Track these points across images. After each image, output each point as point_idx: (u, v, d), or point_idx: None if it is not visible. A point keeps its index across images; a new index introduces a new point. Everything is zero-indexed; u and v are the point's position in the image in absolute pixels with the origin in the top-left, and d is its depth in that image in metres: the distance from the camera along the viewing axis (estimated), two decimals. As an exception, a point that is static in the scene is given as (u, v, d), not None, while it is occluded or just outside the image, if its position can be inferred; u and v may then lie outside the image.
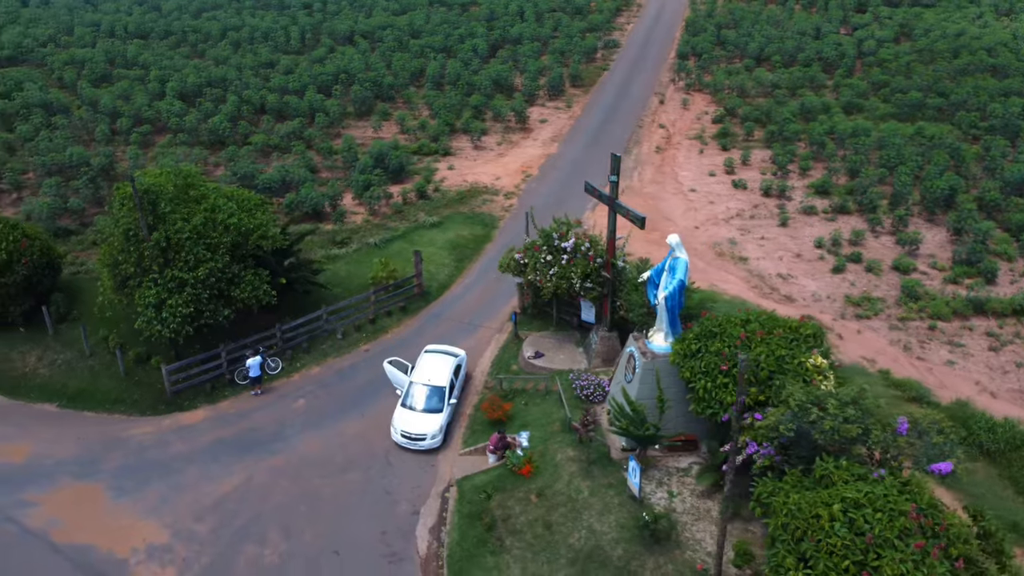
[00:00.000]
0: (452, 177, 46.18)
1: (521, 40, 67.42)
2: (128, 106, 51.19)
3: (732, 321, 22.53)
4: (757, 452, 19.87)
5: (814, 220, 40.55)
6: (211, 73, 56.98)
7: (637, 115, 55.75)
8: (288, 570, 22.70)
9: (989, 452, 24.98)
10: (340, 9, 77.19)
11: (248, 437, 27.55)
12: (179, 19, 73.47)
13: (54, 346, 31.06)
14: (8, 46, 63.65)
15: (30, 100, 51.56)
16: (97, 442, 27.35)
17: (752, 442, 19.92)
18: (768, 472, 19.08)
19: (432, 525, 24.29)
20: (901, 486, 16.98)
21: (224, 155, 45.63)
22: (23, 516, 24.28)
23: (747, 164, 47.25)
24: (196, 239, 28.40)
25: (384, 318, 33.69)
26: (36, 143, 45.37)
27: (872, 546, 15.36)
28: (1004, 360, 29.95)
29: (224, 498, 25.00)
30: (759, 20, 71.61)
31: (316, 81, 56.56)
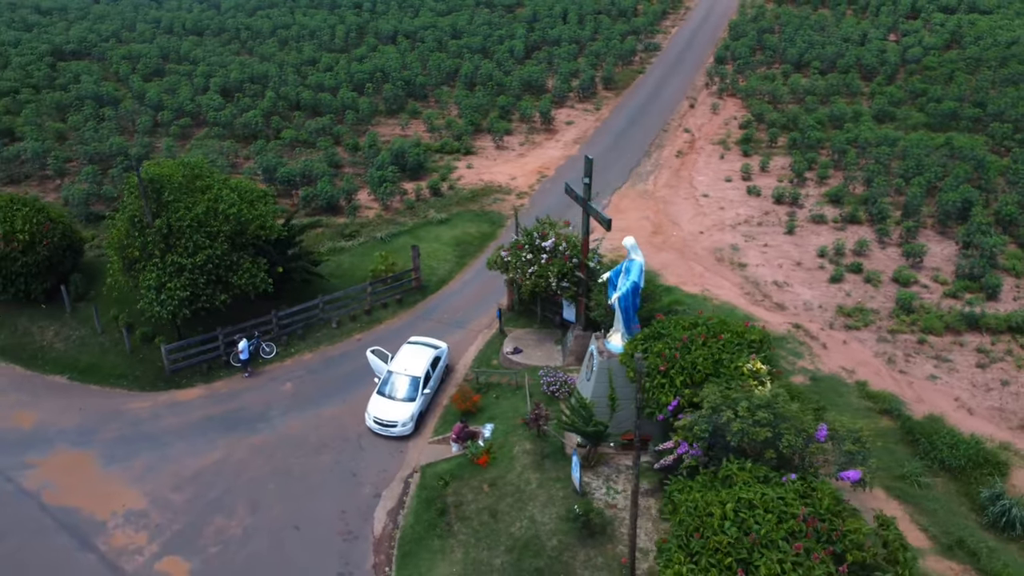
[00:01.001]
0: (469, 176, 47.23)
1: (559, 42, 68.02)
2: (172, 99, 53.87)
3: (679, 324, 22.94)
4: (687, 452, 20.35)
5: (822, 229, 40.17)
6: (254, 69, 59.39)
7: (665, 119, 55.81)
8: (250, 541, 24.13)
9: (950, 468, 24.76)
10: (388, 9, 79.04)
11: (234, 416, 29.16)
12: (234, 17, 76.41)
13: (70, 323, 33.31)
14: (74, 40, 67.49)
15: (83, 92, 54.75)
16: (97, 413, 29.35)
17: (684, 442, 20.40)
18: (696, 472, 19.53)
19: (391, 508, 25.41)
20: (805, 490, 17.24)
21: (254, 148, 47.66)
22: (21, 477, 26.36)
23: (766, 171, 46.94)
24: (197, 227, 30.15)
25: (380, 310, 34.96)
26: (81, 133, 48.31)
27: (756, 546, 15.75)
28: (990, 377, 29.39)
29: (203, 471, 26.62)
30: (804, 25, 70.52)
31: (352, 79, 58.34)
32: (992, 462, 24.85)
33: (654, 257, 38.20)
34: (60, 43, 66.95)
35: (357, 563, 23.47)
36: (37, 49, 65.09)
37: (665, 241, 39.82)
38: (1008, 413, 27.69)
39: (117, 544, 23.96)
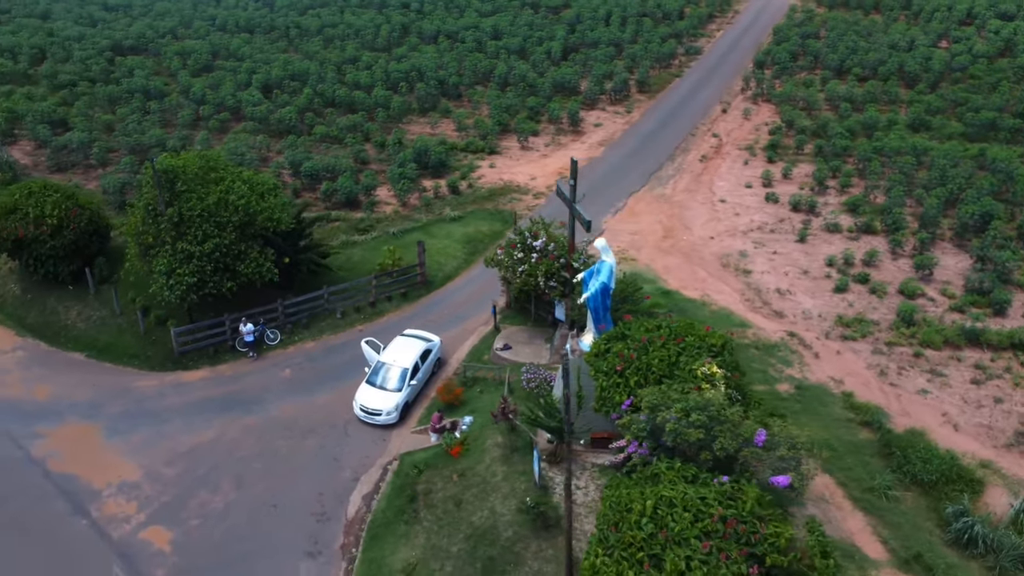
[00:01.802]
0: (490, 175, 48.03)
1: (598, 44, 68.28)
2: (214, 95, 56.08)
3: (643, 326, 23.28)
4: (636, 452, 20.75)
5: (835, 238, 39.69)
6: (295, 67, 61.33)
7: (695, 123, 55.67)
8: (230, 516, 25.40)
9: (922, 483, 24.50)
10: (435, 9, 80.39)
11: (233, 398, 30.56)
12: (286, 16, 78.80)
13: (93, 304, 35.28)
14: (132, 36, 70.70)
15: (133, 86, 57.46)
16: (107, 389, 31.09)
17: (635, 441, 20.80)
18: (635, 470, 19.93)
19: (367, 493, 26.38)
20: (733, 492, 17.49)
21: (285, 143, 49.37)
22: (30, 445, 28.19)
23: (788, 178, 46.50)
24: (207, 217, 31.66)
25: (384, 303, 36.03)
26: (125, 124, 50.78)
27: (669, 542, 16.13)
28: (983, 394, 28.81)
29: (195, 448, 28.05)
30: (849, 31, 69.22)
31: (389, 78, 59.76)
32: (965, 479, 24.52)
33: (659, 260, 38.43)
34: (120, 38, 70.18)
35: (326, 543, 24.50)
36: (98, 44, 68.39)
37: (674, 245, 39.92)
38: (996, 431, 27.15)
39: (108, 512, 25.50)
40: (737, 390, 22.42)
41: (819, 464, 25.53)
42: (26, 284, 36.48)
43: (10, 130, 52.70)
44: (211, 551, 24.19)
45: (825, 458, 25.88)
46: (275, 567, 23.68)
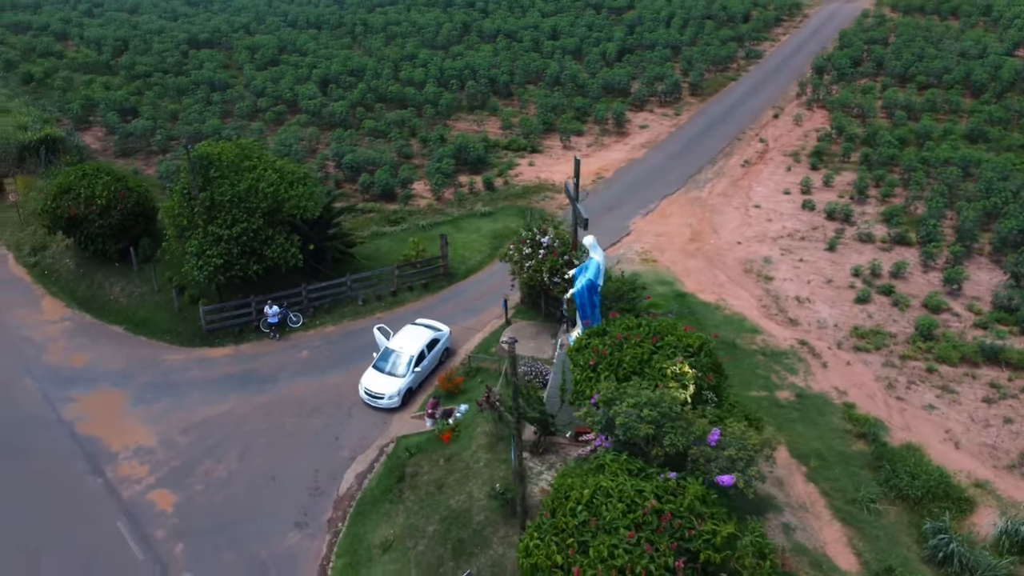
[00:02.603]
0: (528, 173, 48.70)
1: (655, 46, 68.06)
2: (275, 88, 58.48)
3: (623, 323, 23.59)
4: (600, 444, 21.17)
5: (867, 248, 38.85)
6: (354, 62, 63.32)
7: (743, 127, 55.07)
8: (230, 485, 26.87)
9: (907, 497, 24.07)
10: (499, 8, 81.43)
11: (250, 375, 32.16)
12: (354, 13, 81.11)
13: (135, 281, 37.53)
14: (208, 31, 74.19)
15: (200, 78, 60.45)
16: (139, 361, 33.13)
17: (602, 435, 21.21)
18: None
19: (360, 472, 27.48)
20: (676, 488, 17.75)
21: (332, 136, 51.17)
22: (62, 407, 30.35)
23: (830, 185, 45.64)
24: (237, 202, 33.39)
25: (405, 292, 37.17)
26: (187, 114, 53.53)
27: (599, 530, 16.56)
28: (993, 413, 27.95)
29: (208, 420, 29.69)
30: (918, 37, 67.00)
31: (443, 75, 61.06)
32: (953, 497, 23.99)
33: (681, 263, 38.42)
34: (196, 32, 73.75)
35: (315, 516, 25.69)
36: (176, 37, 72.10)
37: (699, 248, 39.80)
38: (1000, 451, 26.36)
39: (122, 473, 27.32)
40: (714, 391, 22.52)
41: (803, 474, 25.48)
42: (79, 260, 39.05)
43: (85, 116, 56.26)
44: (209, 515, 25.68)
45: (813, 467, 25.75)
46: (265, 534, 24.98)
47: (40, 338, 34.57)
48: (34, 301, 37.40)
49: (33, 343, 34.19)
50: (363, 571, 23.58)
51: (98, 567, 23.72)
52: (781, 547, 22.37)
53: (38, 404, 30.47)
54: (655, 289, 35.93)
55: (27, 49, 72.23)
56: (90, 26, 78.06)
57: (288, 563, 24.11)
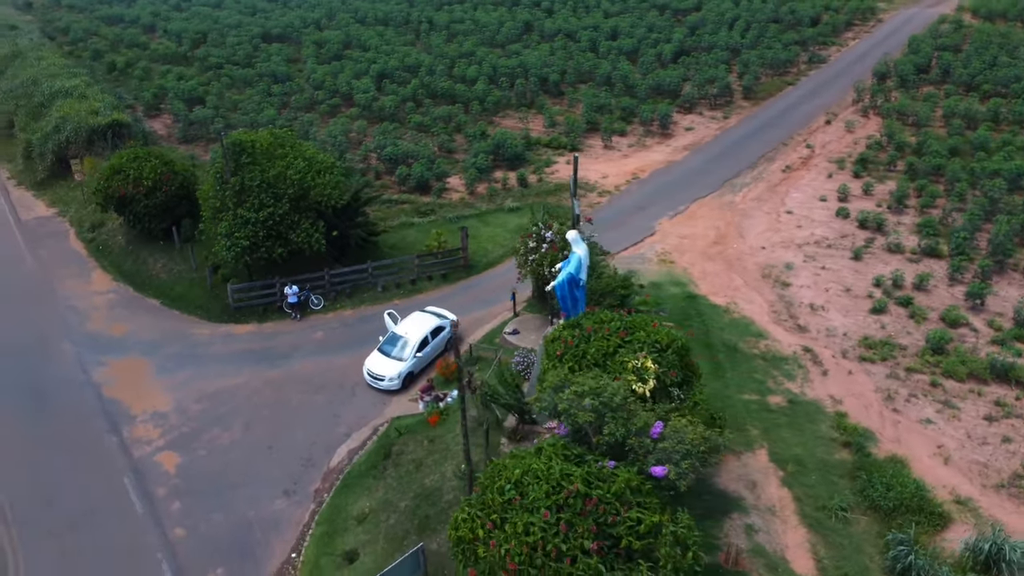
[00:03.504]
0: (564, 171, 49.14)
1: (713, 48, 67.45)
2: (332, 81, 60.73)
3: (596, 317, 24.05)
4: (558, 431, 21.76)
5: (894, 258, 37.92)
6: (413, 59, 65.06)
7: (791, 133, 54.21)
8: (231, 452, 28.59)
9: (880, 508, 23.75)
10: (564, 7, 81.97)
11: (266, 352, 33.92)
12: (422, 11, 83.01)
13: (176, 258, 39.96)
14: (281, 26, 77.43)
15: (264, 70, 63.30)
16: (169, 333, 35.37)
17: (561, 423, 21.81)
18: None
19: (353, 448, 28.79)
20: (606, 475, 18.23)
21: (379, 129, 52.88)
22: (94, 371, 32.76)
23: (870, 194, 44.57)
24: (265, 188, 35.23)
25: (424, 281, 38.37)
26: (247, 104, 56.22)
27: (519, 508, 17.24)
28: (993, 431, 27.13)
29: (221, 391, 31.55)
30: (992, 44, 64.32)
31: (496, 73, 62.13)
32: (927, 511, 23.49)
33: (699, 265, 38.39)
34: (270, 27, 77.09)
35: (304, 485, 27.11)
36: (250, 32, 75.52)
37: (721, 252, 39.63)
38: (991, 470, 25.62)
39: (136, 434, 29.39)
40: (680, 388, 22.78)
41: (778, 478, 25.43)
42: (128, 237, 41.79)
43: (156, 104, 59.77)
44: (207, 478, 27.41)
45: (790, 472, 25.64)
46: (255, 499, 26.53)
47: (85, 307, 37.27)
48: (86, 273, 40.28)
49: (78, 311, 36.89)
50: (337, 539, 24.82)
51: (99, 517, 25.69)
52: (737, 547, 22.55)
53: (73, 367, 32.96)
54: (667, 290, 36.11)
55: (116, 40, 77.00)
56: (175, 20, 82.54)
57: (272, 527, 25.58)
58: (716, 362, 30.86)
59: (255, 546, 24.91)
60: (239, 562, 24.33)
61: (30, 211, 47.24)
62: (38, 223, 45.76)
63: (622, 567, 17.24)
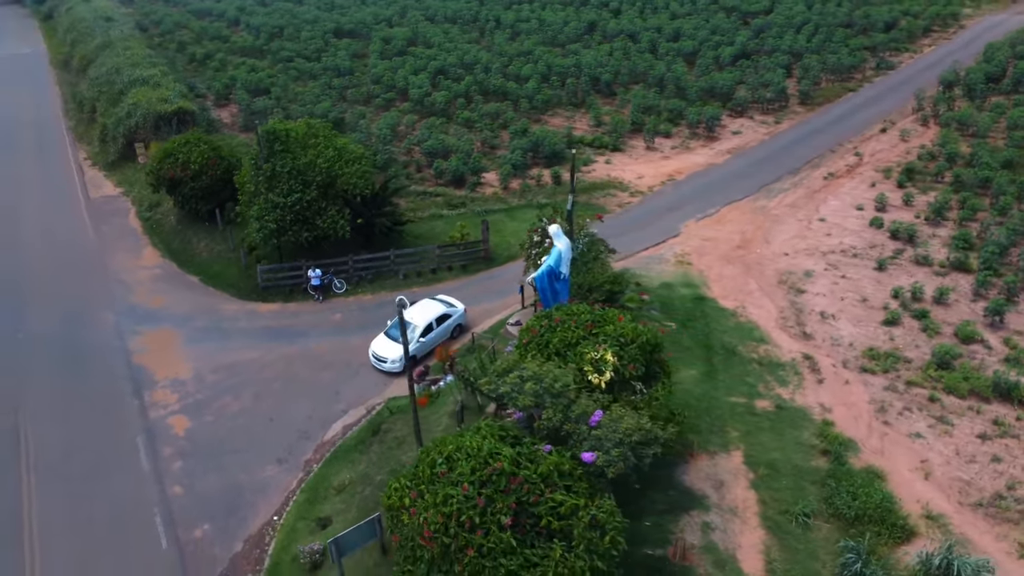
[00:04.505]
0: (601, 170, 49.68)
1: (775, 52, 66.35)
2: (391, 77, 62.74)
3: (568, 310, 24.69)
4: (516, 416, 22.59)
5: (921, 271, 36.91)
6: (471, 56, 66.48)
7: (842, 140, 53.05)
8: (236, 420, 30.47)
9: (843, 517, 23.59)
10: (631, 8, 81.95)
11: (285, 330, 35.81)
12: (491, 9, 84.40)
13: (217, 239, 42.44)
14: (353, 22, 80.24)
15: (328, 64, 65.92)
16: (201, 308, 37.71)
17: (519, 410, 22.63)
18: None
19: (348, 424, 30.26)
20: (536, 456, 18.95)
21: (427, 123, 54.43)
22: (128, 339, 35.33)
23: (910, 204, 43.35)
24: (296, 175, 37.15)
25: (445, 271, 39.61)
26: (303, 95, 58.79)
27: (446, 481, 18.19)
28: (984, 450, 26.35)
29: (237, 363, 33.55)
30: (1074, 53, 61.08)
31: (551, 72, 62.91)
32: (890, 523, 23.16)
33: (716, 268, 38.34)
34: (343, 23, 79.96)
35: (296, 455, 28.71)
36: (324, 27, 78.58)
37: (741, 256, 39.40)
38: (973, 488, 24.96)
39: (155, 398, 31.65)
40: (643, 382, 23.25)
41: (748, 480, 25.50)
42: (179, 217, 44.60)
43: (226, 94, 63.01)
44: (210, 443, 29.35)
45: (760, 475, 25.65)
46: (249, 465, 28.28)
47: (131, 280, 40.10)
48: (138, 249, 43.26)
49: (124, 284, 39.73)
50: (316, 506, 26.28)
51: (109, 470, 27.91)
52: (686, 541, 22.85)
53: (110, 334, 35.63)
54: (678, 291, 36.25)
55: (201, 33, 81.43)
56: (258, 14, 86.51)
57: (260, 491, 27.25)
58: (710, 364, 30.92)
59: (242, 507, 26.62)
60: (224, 520, 26.07)
61: (99, 190, 50.84)
62: (104, 201, 49.23)
63: (542, 545, 17.96)
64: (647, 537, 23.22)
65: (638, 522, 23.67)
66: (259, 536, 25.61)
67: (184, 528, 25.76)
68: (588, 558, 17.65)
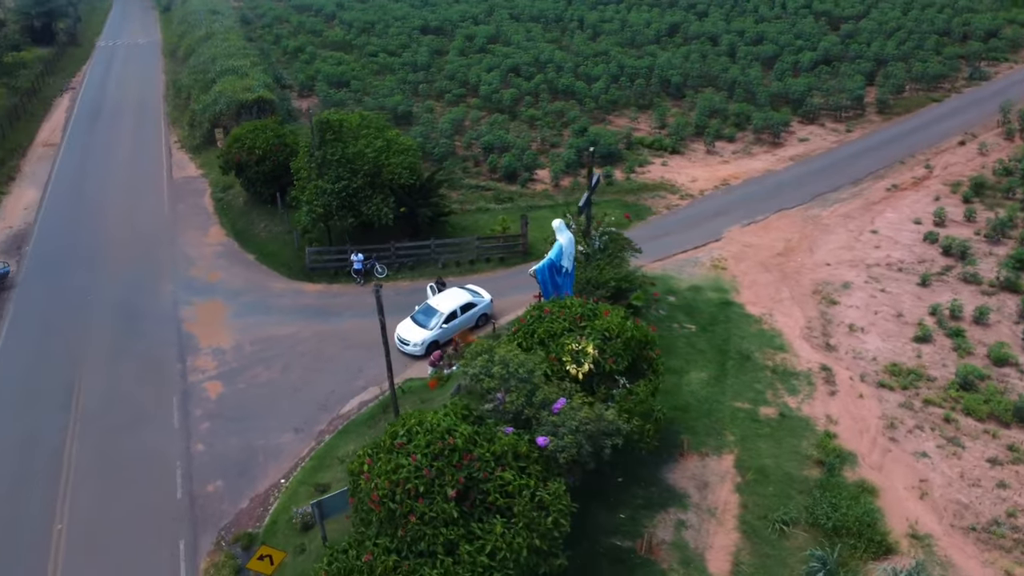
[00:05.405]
0: (656, 172, 49.68)
1: (857, 58, 64.31)
2: (464, 73, 64.37)
3: (561, 303, 25.31)
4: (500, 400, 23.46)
5: (967, 289, 35.50)
6: (546, 55, 67.33)
7: (914, 151, 51.18)
8: (263, 388, 32.49)
9: (821, 527, 23.37)
10: (718, 11, 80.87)
11: (323, 309, 37.76)
12: (577, 9, 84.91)
13: (276, 221, 44.95)
14: (440, 19, 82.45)
15: (407, 60, 68.19)
16: (252, 284, 40.15)
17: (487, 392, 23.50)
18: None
19: (365, 400, 31.80)
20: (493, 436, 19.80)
21: (490, 119, 55.67)
22: (181, 308, 38.06)
23: (972, 220, 41.59)
24: (344, 163, 39.06)
25: (483, 263, 40.73)
26: (378, 89, 61.13)
27: (399, 451, 19.27)
28: (992, 475, 25.38)
29: (274, 336, 35.67)
30: None
31: (623, 72, 63.11)
32: (867, 537, 22.77)
33: (751, 274, 38.01)
34: (430, 20, 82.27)
35: (311, 425, 30.42)
36: (412, 23, 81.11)
37: (780, 264, 38.84)
38: (970, 513, 24.16)
39: (196, 364, 34.09)
40: (627, 377, 23.71)
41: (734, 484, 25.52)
42: (247, 199, 47.45)
43: (310, 86, 66.10)
44: (237, 408, 31.44)
45: (748, 480, 25.62)
46: (268, 431, 30.18)
47: (195, 255, 43.03)
48: (206, 227, 46.30)
49: (188, 258, 42.69)
50: (319, 474, 27.86)
51: (143, 425, 30.37)
52: (655, 536, 23.17)
53: (167, 302, 38.46)
54: (704, 294, 36.15)
55: (298, 26, 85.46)
56: (353, 10, 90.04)
57: (273, 456, 29.08)
58: (722, 368, 30.85)
59: (255, 468, 28.50)
60: (236, 479, 28.00)
61: (182, 171, 54.53)
62: (185, 181, 52.79)
63: (489, 520, 18.80)
64: (619, 528, 23.67)
65: (613, 513, 24.20)
66: (264, 496, 27.40)
67: (199, 482, 27.83)
68: (527, 535, 18.36)
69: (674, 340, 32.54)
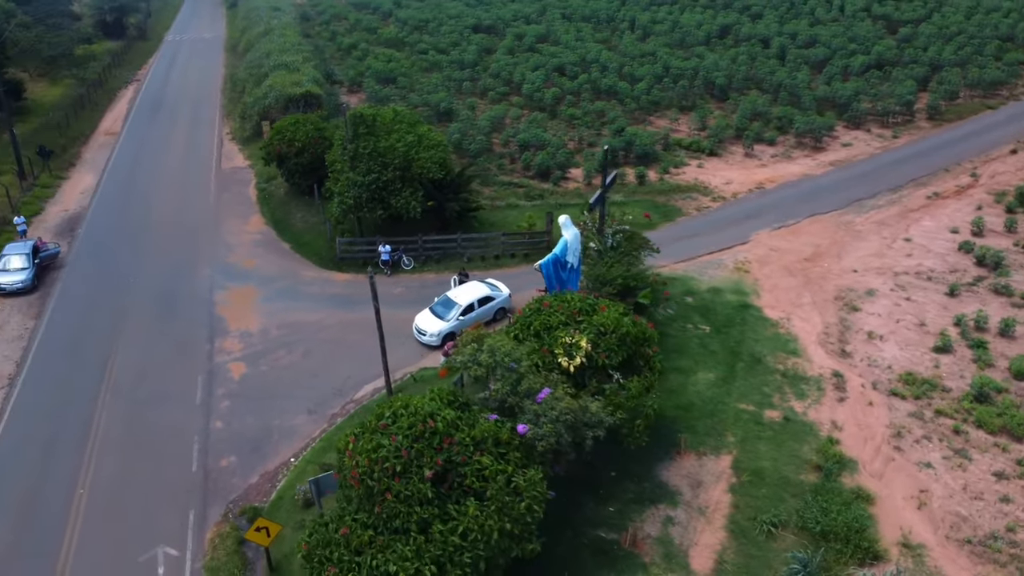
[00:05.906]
0: (691, 173, 49.51)
1: (914, 63, 62.76)
2: (509, 72, 65.00)
3: (562, 298, 25.71)
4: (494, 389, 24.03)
5: (997, 300, 34.60)
6: (593, 55, 67.50)
7: (960, 159, 49.88)
8: (284, 371, 33.68)
9: (810, 531, 23.29)
10: (774, 12, 79.73)
11: (348, 299, 38.82)
12: (630, 9, 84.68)
13: (313, 211, 46.32)
14: (492, 18, 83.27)
15: (454, 58, 69.19)
16: (285, 272, 41.53)
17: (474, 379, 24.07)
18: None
19: (379, 387, 32.63)
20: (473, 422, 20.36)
21: (529, 118, 56.18)
22: (216, 292, 39.62)
23: (1012, 231, 40.44)
24: (376, 156, 40.11)
25: (508, 258, 41.31)
26: (423, 86, 62.20)
27: (382, 432, 19.99)
28: (996, 489, 24.85)
29: (298, 322, 36.89)
30: None
31: (668, 73, 62.92)
32: (855, 543, 22.60)
33: (773, 278, 37.74)
34: (483, 19, 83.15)
35: (325, 408, 31.45)
36: (465, 22, 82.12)
37: (806, 268, 38.43)
38: (968, 525, 23.73)
39: (224, 346, 35.51)
40: (619, 371, 24.00)
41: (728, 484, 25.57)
42: (287, 190, 49.01)
43: (359, 82, 67.64)
44: (258, 389, 32.70)
45: (742, 481, 25.63)
46: (283, 411, 31.29)
47: (234, 243, 44.67)
48: (247, 216, 47.99)
49: (227, 245, 44.35)
50: (326, 455, 28.76)
51: (168, 400, 31.82)
52: (640, 529, 23.40)
53: (203, 286, 40.08)
54: (723, 296, 36.04)
55: (354, 24, 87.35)
56: (408, 7, 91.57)
57: (286, 436, 30.19)
58: (731, 370, 30.80)
59: (267, 446, 29.65)
60: (249, 455, 29.18)
61: (230, 161, 56.52)
62: (232, 172, 54.73)
63: (465, 503, 19.37)
64: (606, 521, 23.99)
65: (602, 506, 24.52)
66: (274, 473, 28.51)
67: (214, 457, 29.10)
68: (499, 519, 18.87)
69: (687, 340, 32.59)
